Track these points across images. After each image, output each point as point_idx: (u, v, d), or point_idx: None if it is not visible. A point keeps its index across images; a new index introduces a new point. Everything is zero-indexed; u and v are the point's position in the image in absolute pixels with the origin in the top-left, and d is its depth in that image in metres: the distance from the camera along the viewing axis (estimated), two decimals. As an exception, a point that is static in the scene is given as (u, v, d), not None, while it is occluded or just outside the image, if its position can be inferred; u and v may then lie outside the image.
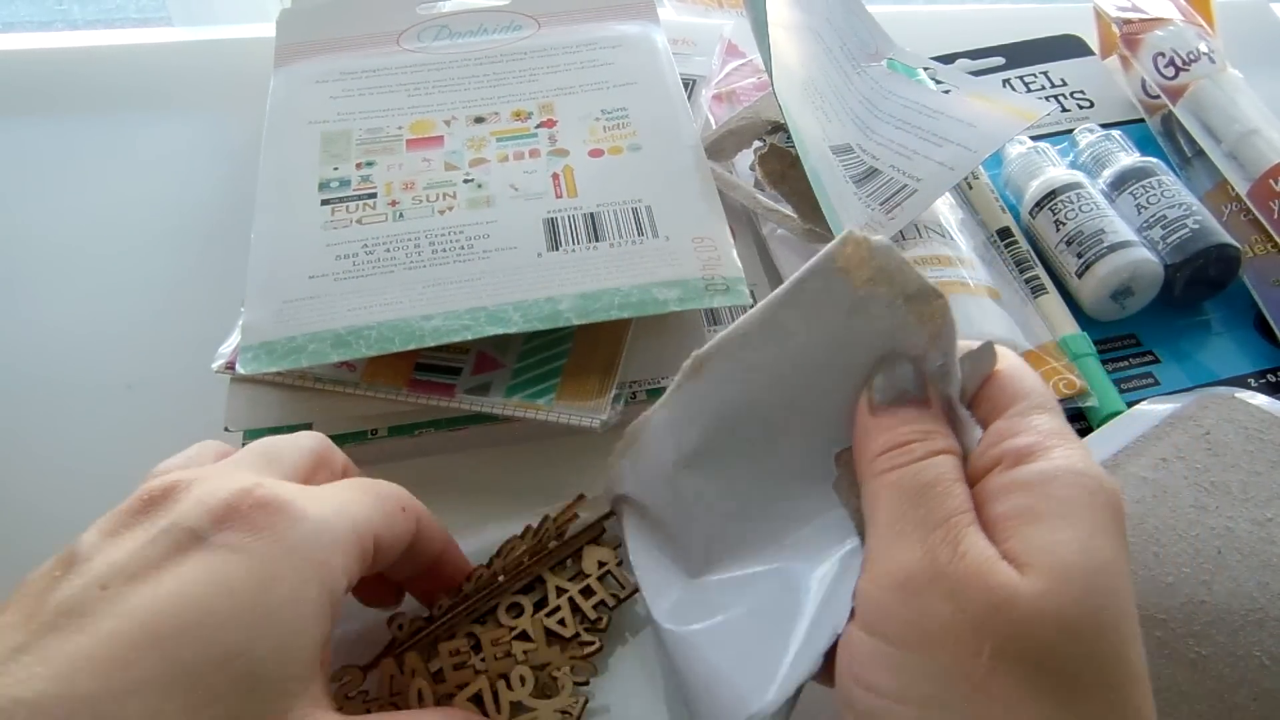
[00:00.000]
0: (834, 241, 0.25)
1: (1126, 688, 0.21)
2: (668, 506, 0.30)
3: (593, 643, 0.31)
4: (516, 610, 0.31)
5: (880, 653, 0.22)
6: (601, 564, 0.32)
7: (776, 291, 0.26)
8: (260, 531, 0.22)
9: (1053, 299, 0.42)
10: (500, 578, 0.31)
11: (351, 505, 0.25)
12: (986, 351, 0.25)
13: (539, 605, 0.31)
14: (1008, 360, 0.26)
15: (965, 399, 0.25)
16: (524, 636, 0.30)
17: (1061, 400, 0.38)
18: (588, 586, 0.32)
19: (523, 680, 0.29)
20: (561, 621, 0.31)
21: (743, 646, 0.27)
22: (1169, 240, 0.42)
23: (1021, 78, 0.54)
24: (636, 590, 0.31)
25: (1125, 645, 0.21)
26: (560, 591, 0.31)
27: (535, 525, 0.33)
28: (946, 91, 0.47)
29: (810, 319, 0.26)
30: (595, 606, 0.31)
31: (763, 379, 0.27)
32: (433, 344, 0.35)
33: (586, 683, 0.30)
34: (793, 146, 0.40)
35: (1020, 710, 0.20)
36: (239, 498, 0.23)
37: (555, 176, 0.41)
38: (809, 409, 0.27)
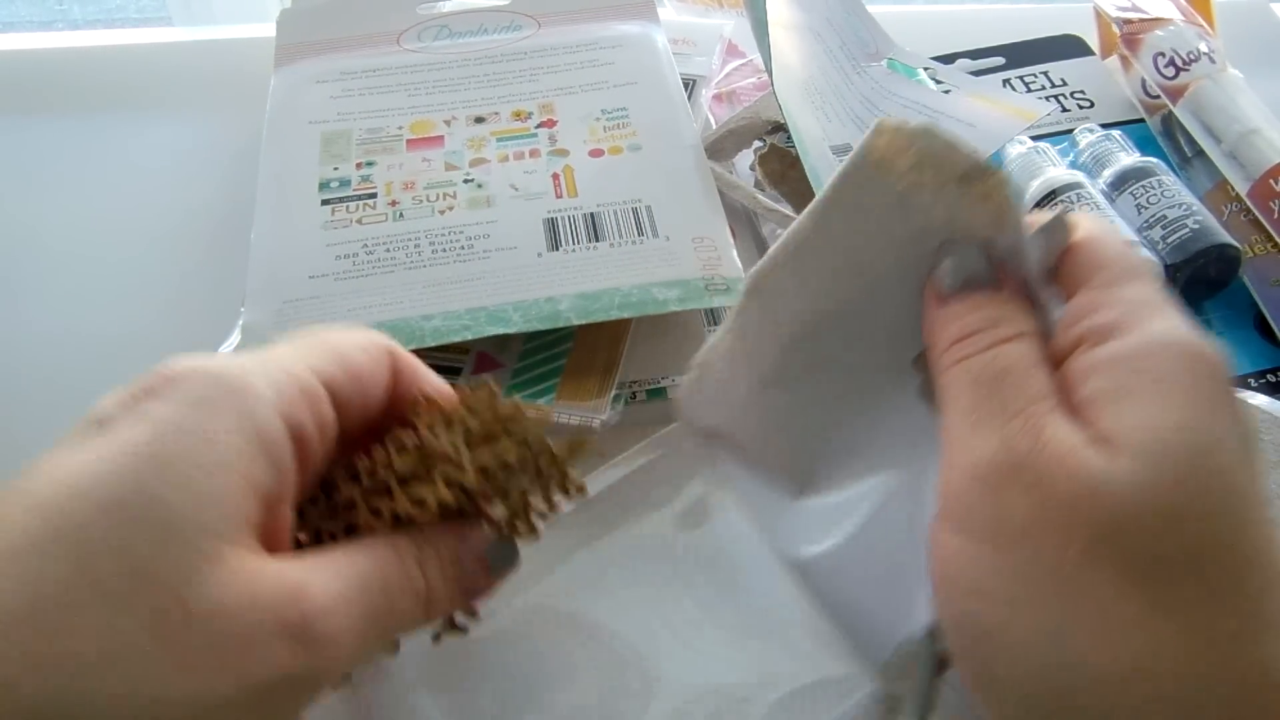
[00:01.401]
0: (868, 133, 0.23)
1: (1243, 574, 0.18)
2: (752, 431, 0.28)
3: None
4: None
5: (964, 551, 0.20)
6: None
7: (820, 194, 0.24)
8: (165, 397, 0.21)
9: (1053, 299, 0.42)
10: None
11: (279, 352, 0.23)
12: (1058, 225, 0.23)
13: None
14: (1086, 229, 0.23)
15: (1044, 277, 0.23)
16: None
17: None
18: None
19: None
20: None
21: (874, 569, 0.26)
22: (1169, 240, 0.42)
23: (1021, 78, 0.54)
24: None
25: (1241, 529, 0.18)
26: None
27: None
28: (946, 91, 0.47)
29: (857, 219, 0.23)
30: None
31: (824, 287, 0.25)
32: (433, 344, 0.35)
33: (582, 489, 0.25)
34: (793, 146, 0.40)
35: (1115, 609, 0.18)
36: (150, 377, 0.22)
37: (555, 176, 0.41)
38: (878, 313, 0.25)
